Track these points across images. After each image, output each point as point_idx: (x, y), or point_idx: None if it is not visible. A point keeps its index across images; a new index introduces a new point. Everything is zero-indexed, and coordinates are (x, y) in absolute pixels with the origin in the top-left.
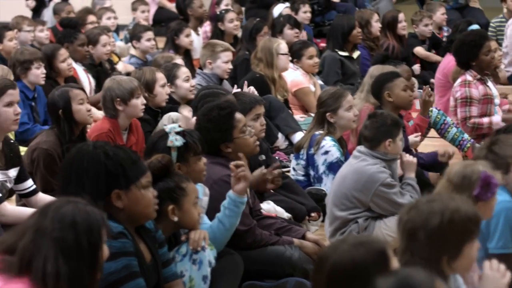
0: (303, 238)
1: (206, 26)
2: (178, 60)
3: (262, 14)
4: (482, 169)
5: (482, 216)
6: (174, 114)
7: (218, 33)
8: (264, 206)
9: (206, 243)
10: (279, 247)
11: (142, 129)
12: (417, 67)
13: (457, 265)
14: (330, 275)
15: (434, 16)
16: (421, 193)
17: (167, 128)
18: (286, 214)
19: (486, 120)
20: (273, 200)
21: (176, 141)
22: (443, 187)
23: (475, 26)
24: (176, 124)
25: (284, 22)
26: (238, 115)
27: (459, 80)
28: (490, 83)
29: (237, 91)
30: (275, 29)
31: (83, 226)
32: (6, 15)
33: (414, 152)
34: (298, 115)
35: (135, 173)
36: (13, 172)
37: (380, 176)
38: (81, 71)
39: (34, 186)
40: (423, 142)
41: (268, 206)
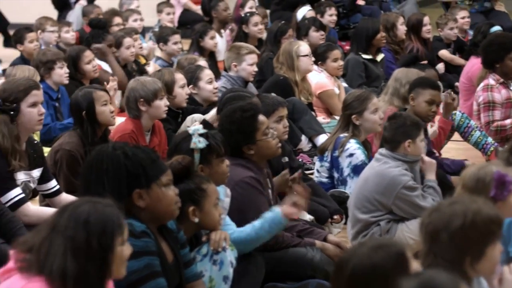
0: (325, 240)
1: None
2: (202, 61)
3: (287, 17)
4: (495, 169)
5: (503, 216)
6: (197, 116)
7: (242, 35)
8: None
9: (227, 244)
10: (301, 249)
11: (164, 127)
12: (441, 66)
13: (480, 267)
14: (350, 279)
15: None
16: (443, 196)
17: (191, 130)
18: (308, 216)
19: (509, 121)
20: None
21: (199, 143)
22: (460, 193)
23: (497, 28)
24: (199, 126)
25: (309, 24)
26: (261, 117)
27: (482, 84)
28: None
29: (259, 93)
30: (301, 31)
31: (96, 226)
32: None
33: (437, 154)
34: (321, 117)
35: (155, 172)
36: (36, 172)
37: (402, 179)
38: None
39: (58, 187)
40: (447, 145)
41: None
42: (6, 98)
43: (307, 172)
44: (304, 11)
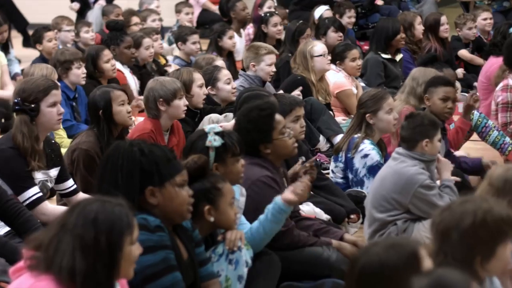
0: (342, 239)
1: (249, 29)
2: (219, 61)
3: (305, 16)
4: None
5: None
6: (214, 116)
7: (260, 35)
8: (303, 208)
9: (242, 243)
10: (317, 248)
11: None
12: (460, 71)
13: (490, 267)
14: (359, 277)
15: (476, 21)
16: (460, 196)
17: (207, 128)
18: (325, 216)
19: None
20: (312, 201)
21: (214, 141)
22: (485, 191)
23: None
24: (216, 124)
25: (328, 24)
26: (278, 117)
27: (501, 84)
28: None
29: (277, 93)
30: (319, 31)
31: (104, 224)
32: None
33: (454, 154)
34: (340, 117)
35: (170, 171)
36: (54, 171)
37: (419, 177)
38: (128, 74)
39: (75, 186)
40: (465, 145)
41: (307, 208)
42: (25, 98)
43: (325, 172)
44: (321, 11)
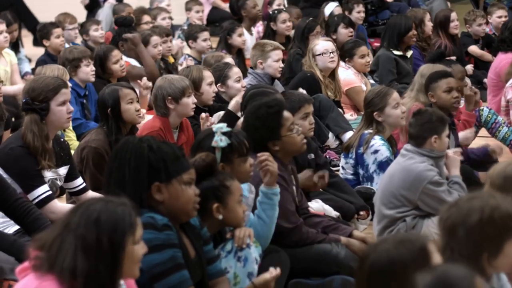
0: (351, 236)
1: (259, 26)
2: (228, 59)
3: (315, 13)
4: None
5: None
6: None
7: (270, 33)
8: (312, 205)
9: (251, 240)
10: (326, 245)
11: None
12: (469, 68)
13: (498, 263)
14: (369, 274)
15: (491, 18)
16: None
17: (215, 127)
18: (334, 213)
19: None
20: (321, 198)
21: (220, 141)
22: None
23: None
24: (223, 124)
25: (338, 21)
26: (286, 113)
27: (511, 81)
28: None
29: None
30: (329, 28)
31: (107, 225)
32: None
33: (463, 148)
34: (349, 114)
35: (177, 168)
36: (63, 170)
37: (428, 174)
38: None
39: (84, 184)
40: (475, 141)
41: (316, 205)
42: (35, 97)
43: (334, 168)
44: (331, 7)
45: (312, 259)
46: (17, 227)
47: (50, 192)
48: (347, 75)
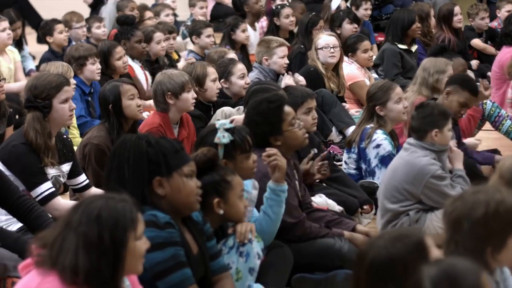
0: (354, 230)
1: (263, 22)
2: (231, 54)
3: (319, 8)
4: None
5: None
6: (227, 109)
7: (273, 28)
8: (316, 200)
9: (253, 236)
10: (329, 240)
11: (194, 125)
12: (474, 63)
13: (501, 257)
14: (369, 272)
15: (499, 12)
16: (472, 185)
17: (218, 123)
18: (338, 207)
19: None
20: (325, 193)
21: (223, 138)
22: (495, 183)
23: None
24: (227, 120)
25: (343, 16)
26: (287, 108)
27: None
28: None
29: (289, 85)
30: (334, 23)
31: (108, 221)
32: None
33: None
34: (353, 110)
35: (177, 161)
36: (66, 167)
37: (431, 168)
38: (137, 68)
39: (87, 181)
40: (478, 135)
41: (320, 200)
42: (37, 94)
43: (338, 163)
44: (338, 1)
45: (315, 254)
46: (20, 225)
47: (53, 189)
48: (351, 70)
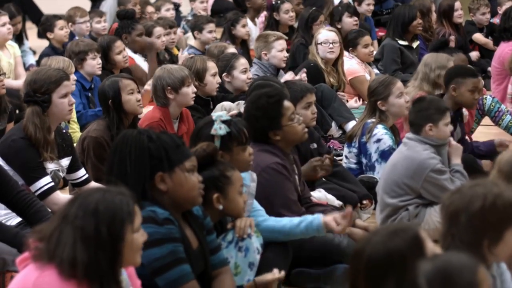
0: (353, 225)
1: (262, 17)
2: (231, 49)
3: (320, 3)
4: None
5: None
6: (227, 104)
7: (272, 23)
8: (315, 194)
9: (252, 231)
10: (328, 235)
11: (192, 116)
12: (475, 54)
13: (498, 251)
14: (367, 268)
15: (501, 9)
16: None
17: (214, 115)
18: (337, 202)
19: None
20: (324, 188)
21: (219, 129)
22: (495, 177)
23: None
24: (223, 112)
25: (342, 10)
26: (287, 103)
27: None
28: None
29: (288, 80)
30: (334, 17)
31: (105, 215)
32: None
33: (469, 140)
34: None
35: (179, 156)
36: (65, 161)
37: (430, 162)
38: (140, 61)
39: (87, 176)
40: (478, 130)
41: (319, 194)
42: (37, 89)
43: (338, 158)
44: None
45: (314, 248)
46: (19, 219)
47: (52, 183)
48: (351, 65)
